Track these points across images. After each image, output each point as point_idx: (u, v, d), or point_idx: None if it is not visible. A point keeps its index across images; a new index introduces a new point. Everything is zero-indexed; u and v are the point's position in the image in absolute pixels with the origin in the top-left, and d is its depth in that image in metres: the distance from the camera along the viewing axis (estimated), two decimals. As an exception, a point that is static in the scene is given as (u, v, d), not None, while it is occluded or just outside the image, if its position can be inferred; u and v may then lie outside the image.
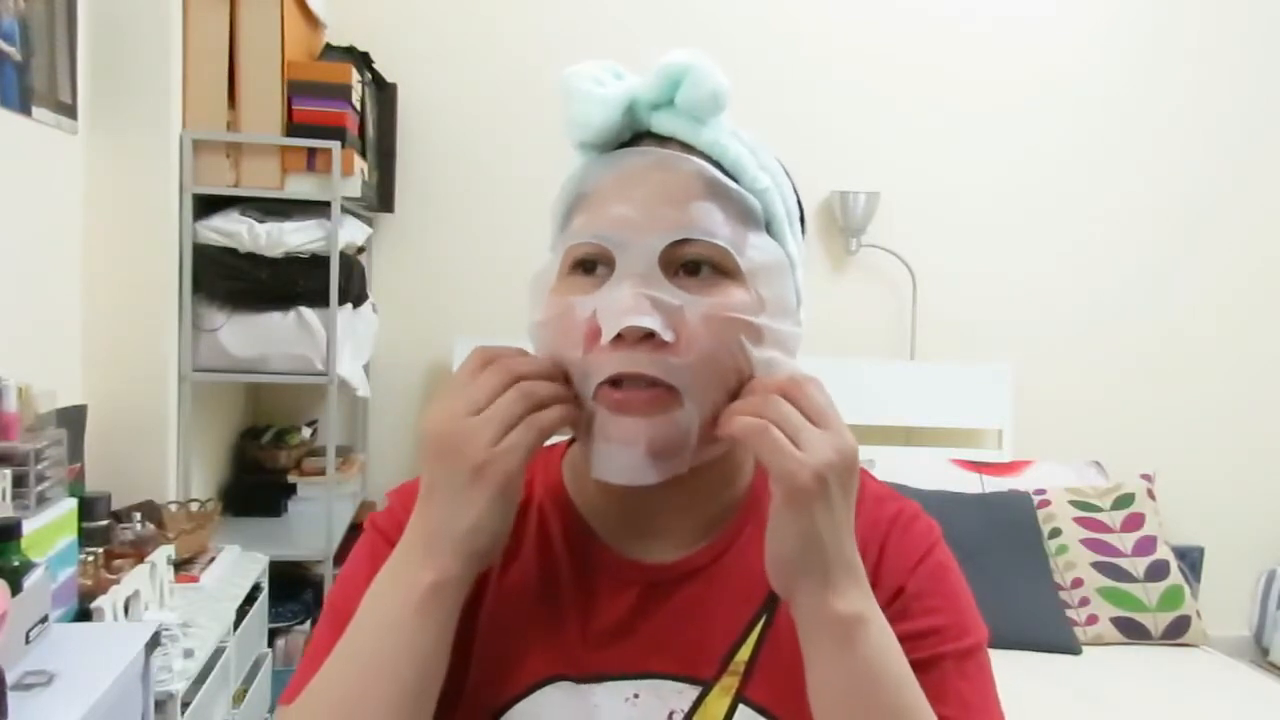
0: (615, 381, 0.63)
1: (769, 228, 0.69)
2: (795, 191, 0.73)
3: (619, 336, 0.62)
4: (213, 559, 2.03)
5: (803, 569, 0.61)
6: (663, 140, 0.67)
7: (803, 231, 0.73)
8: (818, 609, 0.61)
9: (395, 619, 0.62)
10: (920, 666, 0.66)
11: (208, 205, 2.28)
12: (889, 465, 2.85)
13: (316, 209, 2.32)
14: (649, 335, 0.62)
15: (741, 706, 0.68)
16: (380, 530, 0.74)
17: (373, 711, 0.61)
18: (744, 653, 0.69)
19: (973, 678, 0.69)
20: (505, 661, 0.68)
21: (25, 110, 1.77)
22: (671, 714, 0.68)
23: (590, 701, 0.69)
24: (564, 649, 0.70)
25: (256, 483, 2.70)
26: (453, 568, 0.62)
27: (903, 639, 0.67)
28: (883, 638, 0.62)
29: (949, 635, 0.69)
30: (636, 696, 0.69)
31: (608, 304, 0.63)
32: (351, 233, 2.46)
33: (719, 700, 0.69)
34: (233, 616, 1.84)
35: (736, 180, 0.67)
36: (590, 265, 0.66)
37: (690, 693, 0.69)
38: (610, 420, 0.64)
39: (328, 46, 2.71)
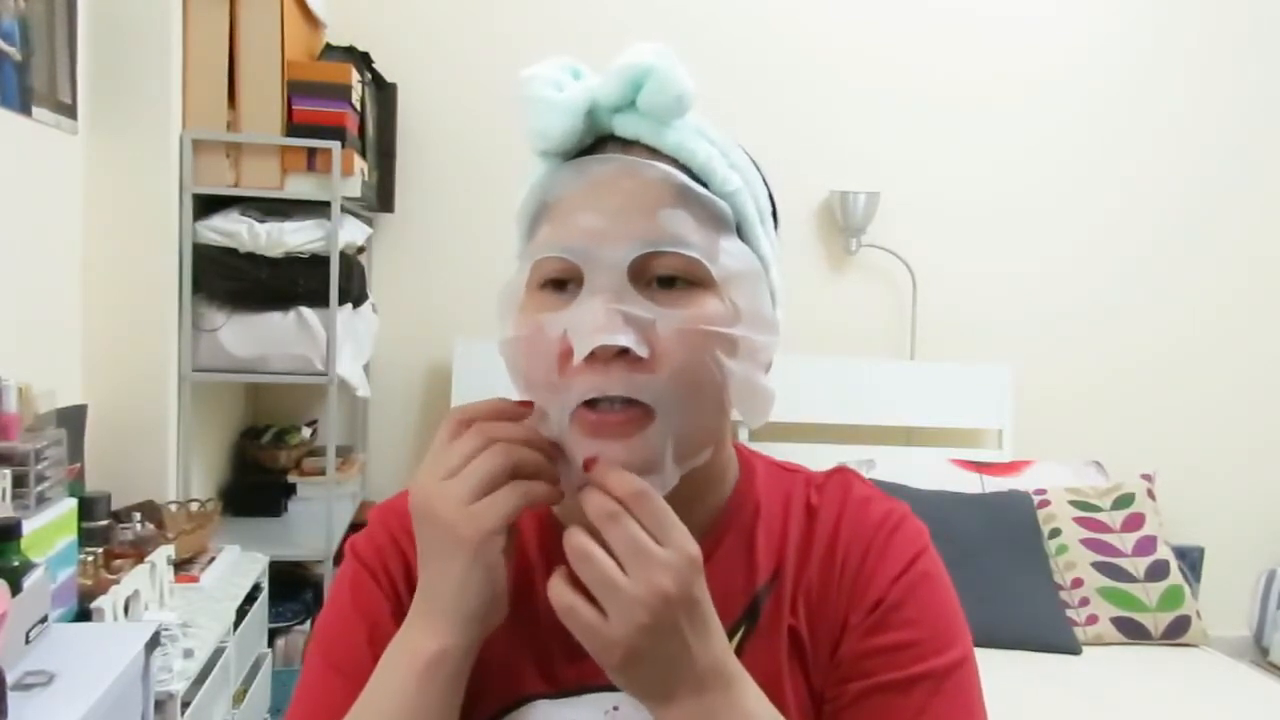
0: (589, 401, 0.62)
1: (740, 229, 0.66)
2: (766, 185, 0.71)
3: (592, 355, 0.60)
4: (213, 559, 2.03)
5: (638, 697, 0.61)
6: (627, 144, 0.65)
7: (775, 226, 0.71)
8: (658, 715, 0.61)
9: (401, 686, 0.62)
10: (895, 688, 0.66)
11: (208, 205, 2.28)
12: (889, 465, 2.85)
13: (316, 209, 2.32)
14: (623, 352, 0.60)
15: None
16: (360, 558, 0.73)
17: None
18: None
19: (952, 698, 0.66)
20: (481, 680, 0.67)
21: (25, 110, 1.77)
22: None
23: (568, 715, 0.68)
24: (539, 663, 0.69)
25: (256, 483, 2.70)
26: (450, 635, 0.62)
27: (878, 653, 0.67)
28: None
29: (927, 650, 0.67)
30: (616, 709, 0.68)
31: (579, 321, 0.61)
32: (351, 233, 2.46)
33: None
34: (233, 616, 1.84)
35: (706, 183, 0.65)
36: (560, 283, 0.64)
37: None
38: (586, 446, 0.62)
39: (328, 46, 2.71)
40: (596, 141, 0.66)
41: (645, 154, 0.64)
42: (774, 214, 0.72)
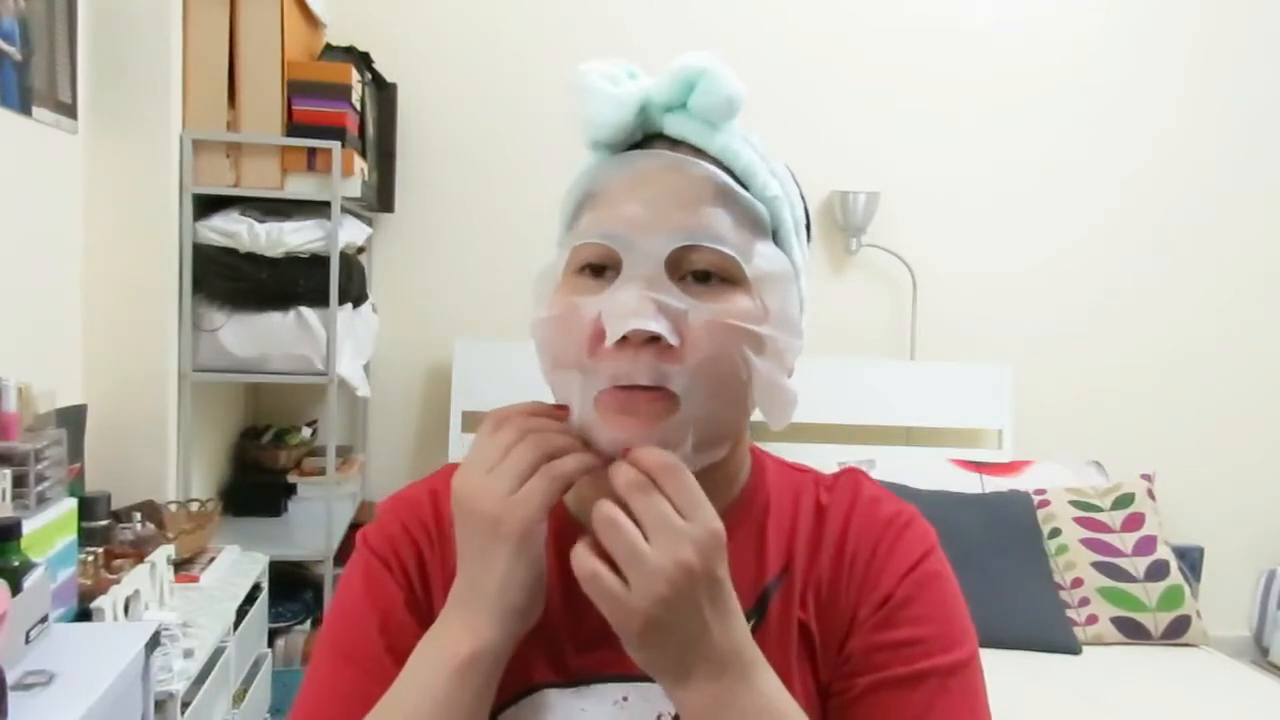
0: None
1: (776, 235, 0.68)
2: (803, 199, 0.73)
3: (623, 339, 0.62)
4: (213, 559, 2.03)
5: (654, 672, 0.61)
6: (674, 143, 0.67)
7: (809, 239, 0.73)
8: (675, 700, 0.61)
9: (436, 684, 0.62)
10: (903, 683, 0.66)
11: (208, 205, 2.28)
12: (889, 465, 2.85)
13: (316, 209, 2.32)
14: (653, 339, 0.62)
15: None
16: (373, 549, 0.73)
17: None
18: None
19: (959, 696, 0.67)
20: None
21: (25, 110, 1.77)
22: (660, 716, 0.69)
23: (578, 705, 0.69)
24: (550, 654, 0.70)
25: (256, 483, 2.70)
26: (488, 632, 0.62)
27: (886, 648, 0.68)
28: (754, 713, 0.61)
29: (935, 648, 0.68)
30: (625, 699, 0.69)
31: (613, 305, 0.62)
32: (351, 233, 2.46)
33: None
34: (233, 616, 1.84)
35: (746, 186, 0.67)
36: (598, 269, 0.65)
37: None
38: (609, 422, 0.63)
39: (328, 46, 2.71)
40: (645, 138, 0.68)
41: (691, 154, 0.66)
42: (808, 227, 0.73)
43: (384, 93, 2.83)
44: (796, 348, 0.69)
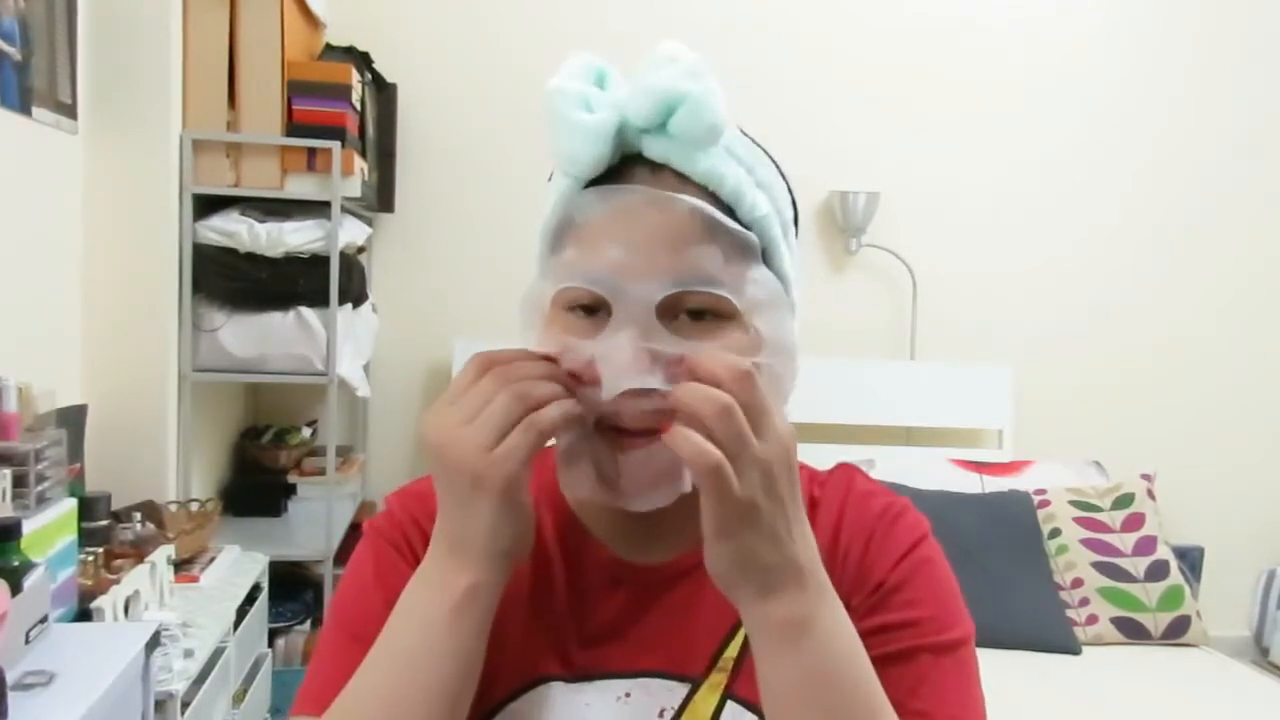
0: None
1: (765, 253, 0.66)
2: (790, 192, 0.71)
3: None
4: (213, 559, 2.03)
5: (737, 581, 0.59)
6: (655, 167, 0.64)
7: (796, 232, 0.71)
8: (755, 615, 0.60)
9: (433, 620, 0.62)
10: (895, 659, 0.66)
11: (208, 205, 2.28)
12: (889, 465, 2.85)
13: (316, 209, 2.32)
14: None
15: (729, 702, 0.69)
16: (381, 533, 0.73)
17: (415, 710, 0.61)
18: (731, 650, 0.70)
19: (951, 672, 0.68)
20: (497, 661, 0.68)
21: (25, 110, 1.77)
22: (662, 711, 0.69)
23: (582, 700, 0.69)
24: (556, 649, 0.71)
25: (256, 483, 2.69)
26: (483, 573, 0.62)
27: (879, 630, 0.67)
28: (832, 639, 0.60)
29: (928, 629, 0.68)
30: (628, 695, 0.69)
31: (607, 354, 0.61)
32: (351, 233, 2.46)
33: (708, 697, 0.69)
34: (233, 616, 1.84)
35: (734, 209, 0.64)
36: (589, 309, 0.64)
37: (680, 690, 0.70)
38: (606, 453, 0.64)
39: (328, 46, 2.71)
40: (623, 158, 0.65)
41: (673, 178, 0.64)
42: (795, 221, 0.71)
43: (384, 93, 2.83)
44: (792, 370, 0.67)
